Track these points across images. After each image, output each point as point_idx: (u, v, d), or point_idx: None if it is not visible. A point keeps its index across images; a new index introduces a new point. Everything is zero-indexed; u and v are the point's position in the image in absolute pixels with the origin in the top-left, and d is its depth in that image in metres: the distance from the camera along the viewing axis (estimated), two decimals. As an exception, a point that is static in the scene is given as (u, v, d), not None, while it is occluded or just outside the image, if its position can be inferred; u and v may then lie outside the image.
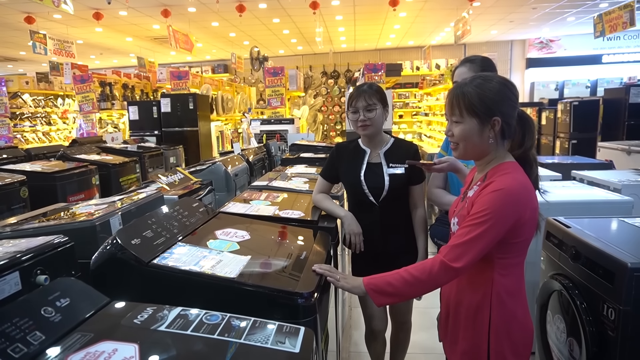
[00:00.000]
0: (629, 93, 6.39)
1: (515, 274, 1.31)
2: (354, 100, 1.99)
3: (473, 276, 1.34)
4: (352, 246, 2.01)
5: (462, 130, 1.31)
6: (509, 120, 1.30)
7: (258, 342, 0.86)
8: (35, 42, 7.32)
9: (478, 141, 1.31)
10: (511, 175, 1.27)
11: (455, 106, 1.32)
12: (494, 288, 1.29)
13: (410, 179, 2.01)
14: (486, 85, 1.29)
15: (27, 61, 13.55)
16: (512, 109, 1.30)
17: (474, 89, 1.29)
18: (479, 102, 1.28)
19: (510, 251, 1.28)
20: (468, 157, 1.38)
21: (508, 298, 1.29)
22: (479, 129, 1.29)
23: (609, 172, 3.33)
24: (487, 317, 1.30)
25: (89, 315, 0.94)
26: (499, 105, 1.28)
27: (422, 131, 10.56)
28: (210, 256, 1.27)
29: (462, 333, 1.37)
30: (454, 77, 1.96)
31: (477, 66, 1.88)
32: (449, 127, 1.36)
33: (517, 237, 1.26)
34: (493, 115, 1.28)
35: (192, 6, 8.29)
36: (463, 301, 1.36)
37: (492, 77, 1.33)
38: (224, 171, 3.24)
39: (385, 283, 1.32)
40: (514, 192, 1.23)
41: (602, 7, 8.98)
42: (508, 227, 1.22)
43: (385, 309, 2.19)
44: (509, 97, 1.30)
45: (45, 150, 5.50)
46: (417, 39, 12.93)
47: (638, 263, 1.42)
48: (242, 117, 8.12)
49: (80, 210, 1.81)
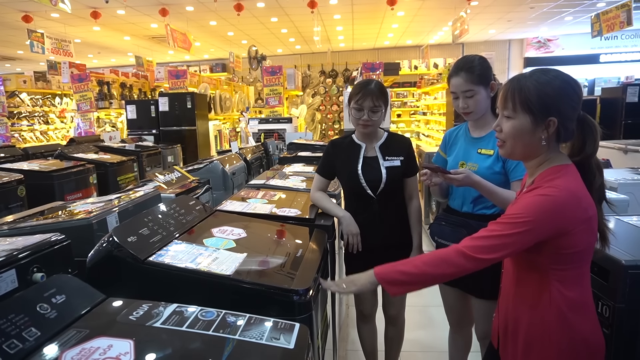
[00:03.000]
0: (625, 92, 6.41)
1: (578, 286, 1.20)
2: (360, 98, 1.99)
3: (529, 288, 1.25)
4: (349, 246, 2.03)
5: (512, 127, 1.23)
6: (567, 123, 1.20)
7: (253, 338, 0.87)
8: (32, 41, 7.31)
9: (528, 141, 1.22)
10: (561, 180, 1.17)
11: (510, 99, 1.23)
12: (554, 303, 1.19)
13: (405, 171, 2.06)
14: (547, 81, 1.19)
15: (24, 60, 13.53)
16: (572, 111, 1.20)
17: (533, 83, 1.20)
18: (536, 99, 1.18)
19: (566, 262, 1.18)
20: (515, 157, 1.31)
21: (572, 313, 1.18)
22: (532, 128, 1.20)
23: (606, 170, 3.31)
24: (551, 333, 1.20)
25: (84, 312, 0.94)
26: (558, 104, 1.18)
27: (420, 130, 10.57)
28: (206, 254, 1.28)
29: (524, 347, 1.26)
30: (451, 87, 1.89)
31: (474, 76, 1.80)
32: (499, 121, 1.28)
33: (570, 248, 1.16)
34: (549, 114, 1.18)
35: (190, 5, 8.28)
36: (522, 318, 1.26)
37: (555, 73, 1.22)
38: (221, 170, 3.24)
39: (398, 272, 1.26)
40: (559, 201, 1.13)
41: (599, 6, 9.00)
42: (546, 236, 1.14)
43: (376, 293, 2.19)
44: (571, 98, 1.20)
45: (43, 149, 5.48)
46: (415, 38, 12.94)
47: (632, 261, 1.43)
48: (240, 116, 8.12)
49: (78, 209, 1.82)
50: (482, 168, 1.80)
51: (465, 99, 1.83)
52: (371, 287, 1.30)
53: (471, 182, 1.69)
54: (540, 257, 1.20)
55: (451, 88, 1.89)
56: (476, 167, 1.82)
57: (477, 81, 1.80)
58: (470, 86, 1.81)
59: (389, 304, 2.21)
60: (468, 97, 1.82)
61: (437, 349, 2.75)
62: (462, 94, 1.83)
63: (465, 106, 1.84)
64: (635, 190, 2.71)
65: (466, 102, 1.83)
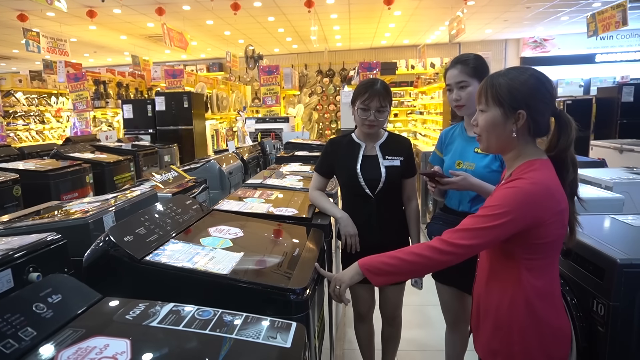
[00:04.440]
0: (621, 92, 6.45)
1: (546, 275, 1.26)
2: (367, 98, 1.97)
3: (500, 275, 1.31)
4: (347, 247, 2.03)
5: (485, 120, 1.30)
6: (537, 117, 1.25)
7: (250, 337, 0.87)
8: (28, 40, 7.28)
9: (500, 132, 1.28)
10: (536, 173, 1.22)
11: (483, 94, 1.30)
12: (523, 289, 1.24)
13: (404, 172, 2.06)
14: (518, 77, 1.26)
15: (20, 59, 13.46)
16: (542, 105, 1.25)
17: (505, 79, 1.27)
18: (506, 93, 1.25)
19: (536, 252, 1.23)
20: (492, 150, 1.37)
21: (538, 301, 1.24)
22: (502, 120, 1.27)
23: (601, 170, 3.35)
24: (517, 318, 1.25)
25: (80, 312, 0.94)
26: (527, 98, 1.24)
27: (417, 130, 10.59)
28: (203, 253, 1.28)
29: (492, 331, 1.32)
30: (446, 80, 1.93)
31: (469, 68, 1.85)
32: (476, 116, 1.35)
33: (541, 238, 1.21)
34: (518, 107, 1.24)
35: (187, 4, 8.26)
36: (492, 299, 1.32)
37: (527, 70, 1.29)
38: (218, 169, 3.24)
39: (380, 262, 1.32)
40: (533, 192, 1.18)
41: (595, 6, 9.03)
42: (523, 226, 1.18)
43: (373, 293, 2.21)
44: (542, 93, 1.25)
45: (39, 149, 5.47)
46: (412, 38, 12.95)
47: (627, 259, 1.44)
48: (237, 116, 8.11)
49: (74, 208, 1.81)
50: (479, 167, 1.81)
51: (459, 91, 1.87)
52: (359, 277, 1.38)
53: (469, 185, 1.72)
54: (512, 246, 1.25)
55: (446, 81, 1.94)
56: (473, 167, 1.83)
57: (472, 73, 1.85)
58: (464, 77, 1.85)
59: (386, 304, 2.21)
60: (461, 87, 1.86)
61: (434, 348, 2.76)
62: (456, 85, 1.88)
63: (457, 98, 1.88)
64: (630, 189, 2.73)
65: (459, 93, 1.87)
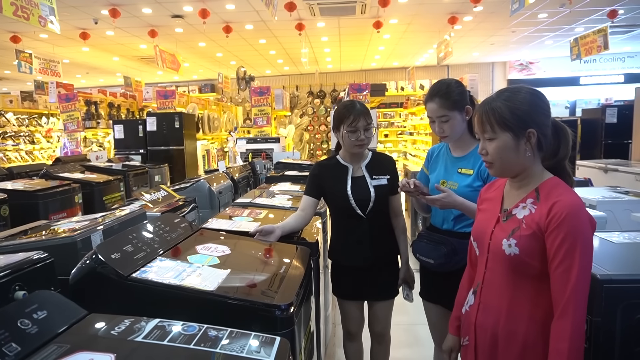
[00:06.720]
0: (604, 114, 6.61)
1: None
2: (353, 120, 2.01)
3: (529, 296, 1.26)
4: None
5: (497, 147, 1.26)
6: (545, 131, 1.24)
7: (234, 352, 0.88)
8: (20, 61, 7.30)
9: (514, 156, 1.25)
10: (570, 193, 1.21)
11: (486, 122, 1.27)
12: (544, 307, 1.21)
13: (391, 189, 2.11)
14: (515, 97, 1.24)
15: (11, 80, 13.46)
16: (545, 119, 1.25)
17: (503, 102, 1.25)
18: (510, 115, 1.23)
19: None
20: (506, 175, 1.33)
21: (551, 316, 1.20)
22: (514, 143, 1.24)
23: (586, 189, 3.42)
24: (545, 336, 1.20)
25: (66, 327, 0.95)
26: (532, 115, 1.23)
27: (407, 150, 10.71)
28: (190, 270, 1.29)
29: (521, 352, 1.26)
30: (427, 112, 1.93)
31: (449, 102, 1.83)
32: (482, 145, 1.30)
33: None
34: (527, 127, 1.22)
35: (180, 27, 8.38)
36: (518, 331, 1.25)
37: (519, 88, 1.28)
38: (207, 189, 3.26)
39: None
40: (583, 207, 1.19)
41: (577, 31, 9.33)
42: None
43: (362, 311, 2.22)
44: (541, 107, 1.24)
45: (28, 169, 5.42)
46: (402, 60, 13.21)
47: (607, 275, 1.47)
48: (229, 136, 8.16)
49: (62, 227, 1.81)
50: (462, 186, 1.85)
51: (441, 124, 1.88)
52: None
53: (452, 203, 1.73)
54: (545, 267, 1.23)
55: (427, 112, 1.94)
56: (456, 186, 1.87)
57: (451, 107, 1.84)
58: (445, 112, 1.85)
59: (375, 321, 2.22)
60: (443, 121, 1.87)
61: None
62: (437, 118, 1.88)
63: (441, 130, 1.89)
64: (613, 207, 2.79)
65: (442, 126, 1.88)
